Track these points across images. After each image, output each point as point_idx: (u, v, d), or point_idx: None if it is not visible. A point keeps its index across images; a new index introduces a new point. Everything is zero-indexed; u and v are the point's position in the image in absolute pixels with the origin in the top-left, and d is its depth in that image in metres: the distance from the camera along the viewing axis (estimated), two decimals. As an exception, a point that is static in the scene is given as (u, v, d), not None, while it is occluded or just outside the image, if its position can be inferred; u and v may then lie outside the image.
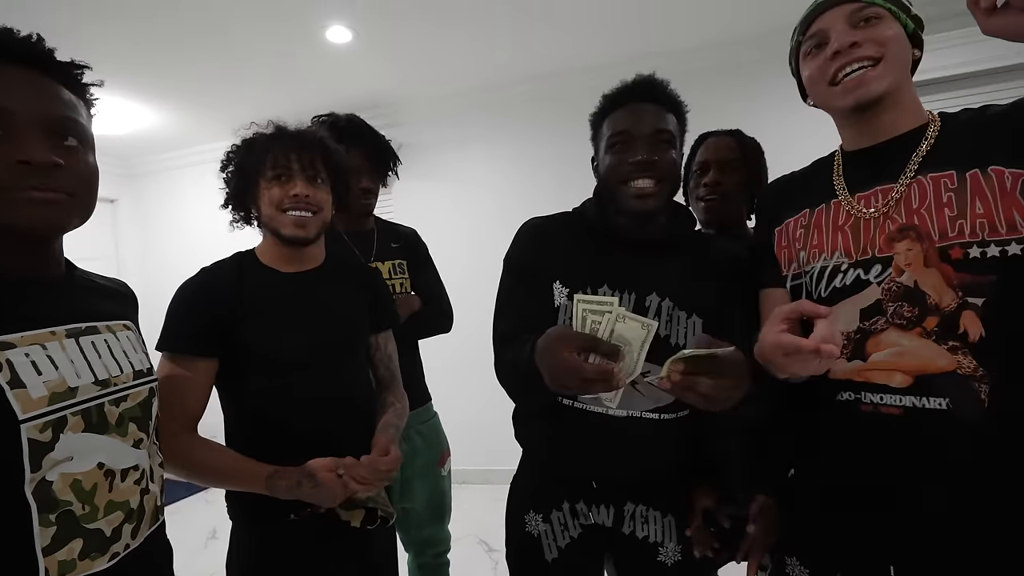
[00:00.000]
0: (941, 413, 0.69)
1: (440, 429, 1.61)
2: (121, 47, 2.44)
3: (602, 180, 0.98)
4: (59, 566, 0.61)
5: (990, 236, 0.67)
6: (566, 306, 0.94)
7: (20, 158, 0.61)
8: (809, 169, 0.92)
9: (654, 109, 0.93)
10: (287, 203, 1.01)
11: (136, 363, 0.75)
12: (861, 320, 0.76)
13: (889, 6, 0.76)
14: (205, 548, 2.69)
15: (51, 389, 0.62)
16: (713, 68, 2.84)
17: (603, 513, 1.00)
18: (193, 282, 1.03)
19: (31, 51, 0.65)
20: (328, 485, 0.91)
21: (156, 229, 4.14)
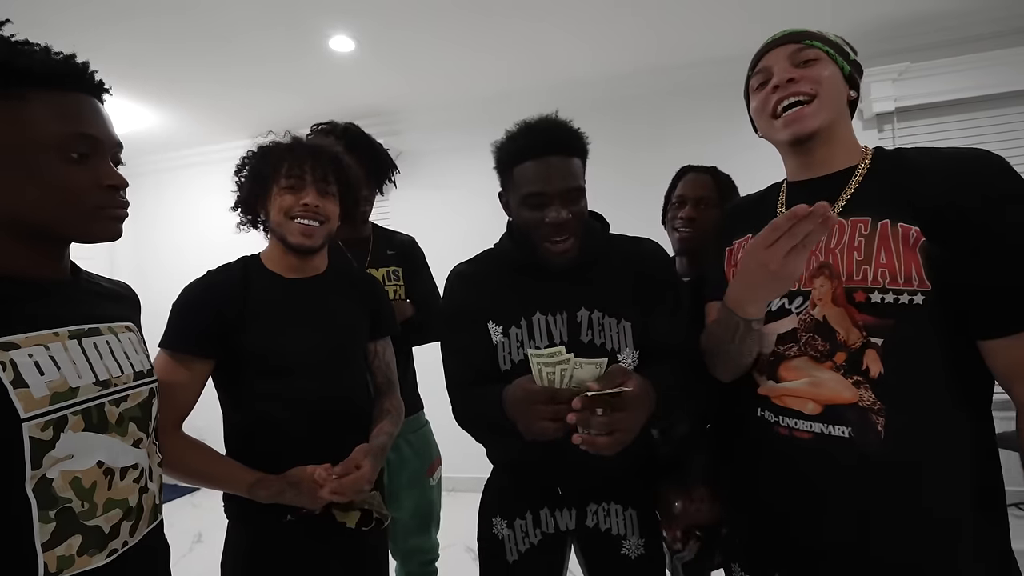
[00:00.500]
0: (845, 440, 0.75)
1: (430, 438, 1.61)
2: (125, 49, 2.46)
3: (520, 227, 1.02)
4: (58, 561, 0.63)
5: (890, 285, 0.73)
6: (503, 343, 1.01)
7: (111, 182, 0.71)
8: (762, 194, 0.98)
9: (563, 163, 0.95)
10: (296, 211, 1.04)
11: (137, 364, 0.77)
12: (777, 344, 0.83)
13: (827, 49, 0.83)
14: (190, 552, 2.67)
15: (53, 389, 0.64)
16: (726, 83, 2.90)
17: (566, 517, 1.08)
18: (199, 283, 1.05)
19: (94, 81, 0.72)
20: (310, 495, 0.94)
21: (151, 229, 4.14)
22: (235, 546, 1.05)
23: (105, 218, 0.71)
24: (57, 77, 0.67)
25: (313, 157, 1.06)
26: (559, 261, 0.98)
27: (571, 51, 2.74)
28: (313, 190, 1.05)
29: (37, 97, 0.65)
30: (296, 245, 1.06)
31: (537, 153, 0.95)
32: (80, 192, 0.68)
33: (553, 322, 1.00)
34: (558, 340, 0.99)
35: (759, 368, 0.86)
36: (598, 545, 1.07)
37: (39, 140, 0.65)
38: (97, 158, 0.69)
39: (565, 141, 0.97)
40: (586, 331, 1.00)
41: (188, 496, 3.38)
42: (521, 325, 1.00)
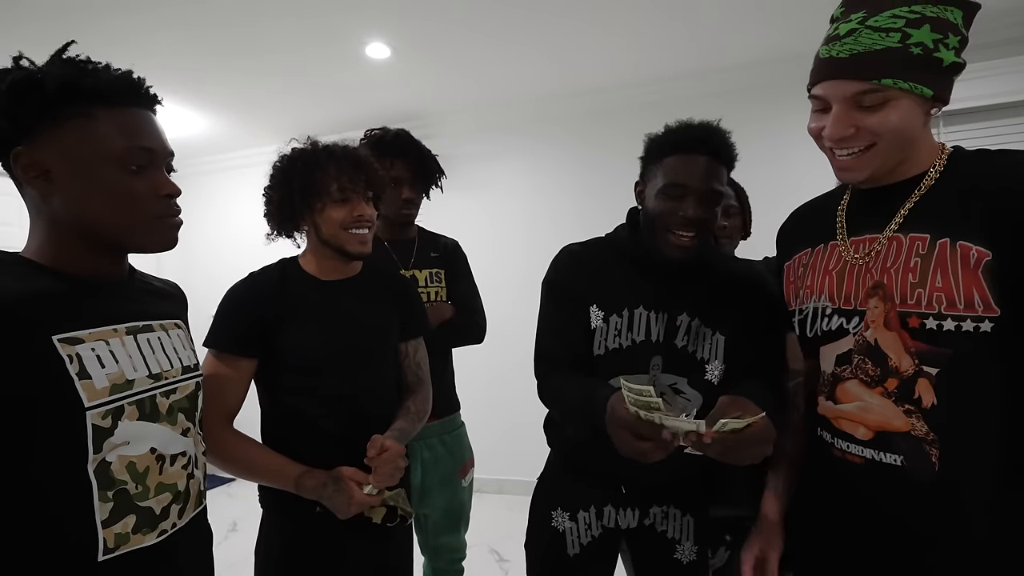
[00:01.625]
0: (896, 468, 0.72)
1: (465, 439, 1.63)
2: (175, 57, 2.57)
3: (647, 215, 1.02)
4: (115, 538, 0.69)
5: (947, 310, 0.67)
6: (602, 328, 1.02)
7: (167, 191, 0.76)
8: (823, 200, 0.93)
9: (711, 164, 0.97)
10: (350, 223, 1.08)
11: (185, 359, 0.82)
12: (835, 365, 0.80)
13: (903, 85, 0.69)
14: (226, 539, 2.77)
15: (112, 381, 0.69)
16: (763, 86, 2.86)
17: (628, 516, 1.08)
18: (241, 286, 1.11)
19: (150, 95, 0.77)
20: (349, 491, 0.97)
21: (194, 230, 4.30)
22: (269, 534, 1.10)
23: (164, 227, 0.76)
24: (118, 94, 0.72)
25: (357, 168, 1.10)
26: (677, 256, 0.98)
27: (603, 55, 2.74)
28: (362, 201, 1.10)
29: (102, 114, 0.70)
30: (356, 254, 1.12)
31: (691, 149, 0.97)
32: (140, 201, 0.72)
33: (653, 319, 1.01)
34: (655, 338, 1.01)
35: (820, 388, 0.84)
36: (652, 546, 1.08)
37: (105, 154, 0.70)
38: (153, 168, 0.74)
39: (718, 145, 0.98)
40: (682, 336, 1.01)
41: (224, 486, 3.50)
42: (623, 315, 1.01)
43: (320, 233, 1.11)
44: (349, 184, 1.08)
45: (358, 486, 0.98)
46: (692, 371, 1.02)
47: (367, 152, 1.16)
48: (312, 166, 1.08)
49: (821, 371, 0.83)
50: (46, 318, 0.66)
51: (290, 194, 1.09)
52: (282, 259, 1.17)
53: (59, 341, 0.66)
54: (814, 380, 0.86)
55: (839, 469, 0.79)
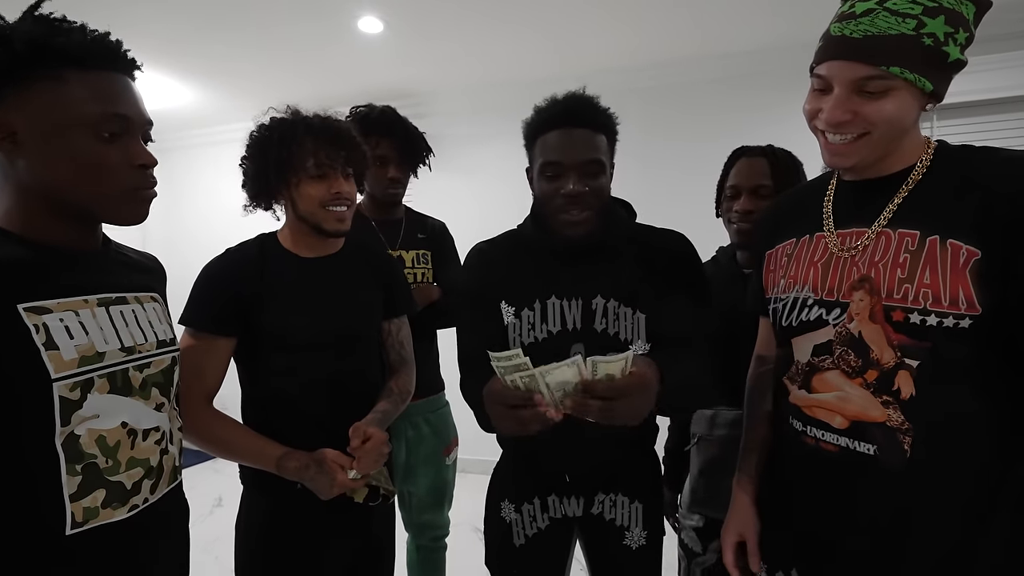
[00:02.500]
0: (870, 457, 0.74)
1: (449, 419, 1.65)
2: (159, 26, 2.50)
3: (537, 201, 1.02)
4: (84, 512, 0.67)
5: (932, 307, 0.69)
6: (514, 324, 1.01)
7: (141, 162, 0.72)
8: (807, 190, 0.92)
9: (584, 135, 0.95)
10: (328, 200, 1.05)
11: (160, 333, 0.80)
12: (812, 355, 0.80)
13: (908, 76, 0.68)
14: (211, 515, 2.78)
15: (81, 352, 0.67)
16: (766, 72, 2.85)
17: (573, 504, 1.08)
18: (217, 262, 1.08)
19: (128, 59, 0.73)
20: (332, 474, 0.96)
21: (183, 203, 4.24)
22: (250, 512, 1.10)
23: (135, 199, 0.73)
24: (93, 57, 0.68)
25: (336, 143, 1.06)
26: (572, 235, 0.97)
27: (600, 39, 2.70)
28: (340, 177, 1.07)
29: (73, 77, 0.66)
30: (333, 232, 1.09)
31: (559, 123, 0.95)
32: (112, 171, 0.69)
33: (568, 307, 0.99)
34: (572, 326, 0.99)
35: (791, 376, 0.84)
36: (601, 533, 1.09)
37: (75, 119, 0.66)
38: (128, 137, 0.71)
39: (588, 114, 0.96)
40: (600, 319, 0.99)
41: (210, 462, 3.50)
42: (535, 308, 1.00)
43: (296, 209, 1.08)
44: (327, 160, 1.04)
45: (341, 469, 0.98)
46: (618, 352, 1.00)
47: (350, 125, 1.13)
48: (289, 139, 1.04)
49: (795, 361, 0.83)
50: (11, 287, 0.64)
51: (265, 167, 1.05)
52: (260, 234, 1.14)
53: (24, 310, 0.64)
54: (783, 368, 0.87)
55: (811, 457, 0.80)
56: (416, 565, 1.67)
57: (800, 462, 0.83)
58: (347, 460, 0.99)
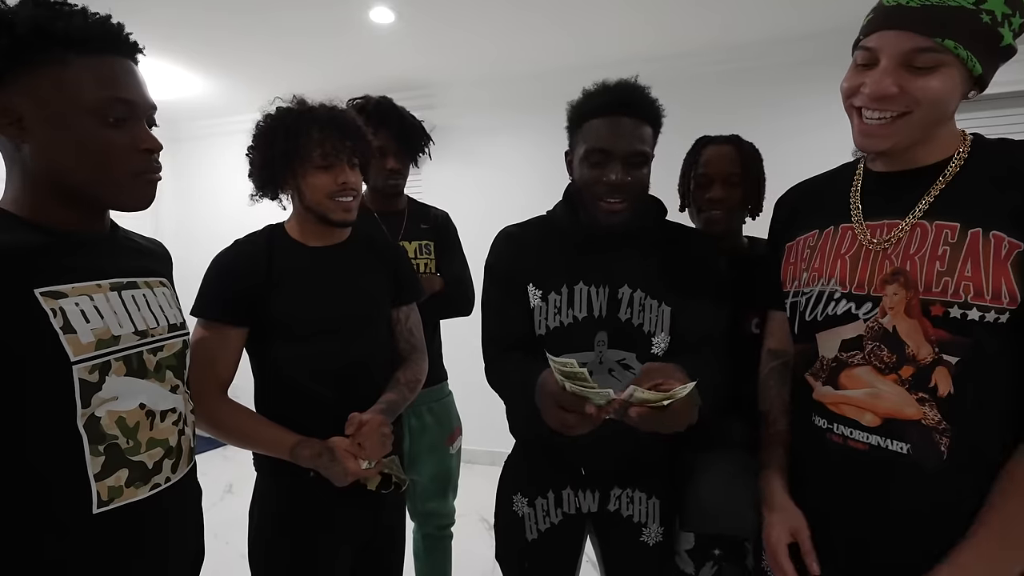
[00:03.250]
0: (902, 456, 0.72)
1: (452, 408, 1.66)
2: (172, 14, 2.51)
3: (576, 185, 1.02)
4: (108, 491, 0.69)
5: (973, 300, 0.66)
6: (540, 307, 1.01)
7: (146, 146, 0.73)
8: (829, 177, 0.89)
9: (632, 125, 0.94)
10: (335, 191, 1.06)
11: (171, 317, 0.81)
12: (840, 350, 0.78)
13: (960, 52, 0.66)
14: (221, 501, 2.82)
15: (97, 336, 0.69)
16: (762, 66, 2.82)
17: (588, 499, 1.07)
18: (227, 253, 1.09)
19: (130, 43, 0.73)
20: (344, 462, 0.97)
21: (195, 192, 4.28)
22: (264, 498, 1.11)
23: (140, 184, 0.73)
24: (94, 40, 0.68)
25: (343, 133, 1.06)
26: (609, 223, 0.97)
27: (611, 33, 2.68)
28: (346, 167, 1.07)
29: (77, 61, 0.66)
30: (340, 222, 1.10)
31: (608, 111, 0.94)
32: (117, 156, 0.70)
33: (595, 294, 0.99)
34: (598, 313, 0.99)
35: (815, 372, 0.81)
36: (617, 530, 1.07)
37: (79, 104, 0.67)
38: (133, 122, 0.72)
39: (639, 104, 0.95)
40: (625, 309, 0.99)
41: (220, 449, 3.54)
42: (562, 292, 1.00)
43: (303, 199, 1.09)
44: (333, 151, 1.05)
45: (353, 457, 0.99)
46: (639, 345, 0.99)
47: (355, 115, 1.14)
48: (295, 130, 1.05)
49: (820, 356, 0.81)
50: (27, 271, 0.65)
51: (271, 157, 1.06)
52: (268, 225, 1.16)
53: (42, 295, 0.65)
54: (804, 364, 0.84)
55: (839, 455, 0.78)
56: (422, 553, 1.69)
57: (824, 460, 0.80)
58: (358, 449, 1.00)
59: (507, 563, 1.13)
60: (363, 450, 0.99)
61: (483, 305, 1.10)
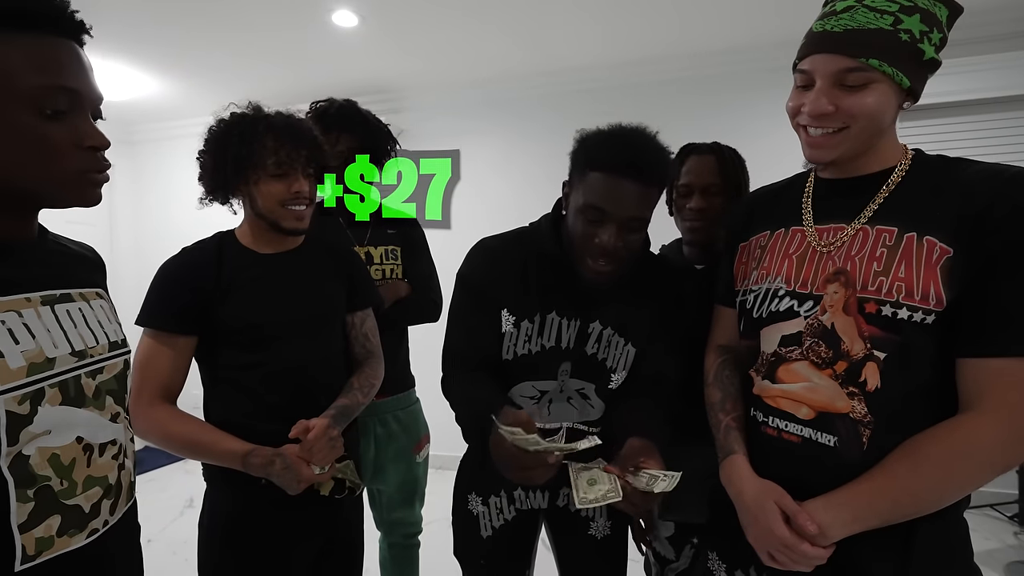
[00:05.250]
0: (830, 449, 0.75)
1: (420, 416, 1.64)
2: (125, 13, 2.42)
3: (567, 227, 0.98)
4: (36, 543, 0.60)
5: (904, 300, 0.71)
6: (512, 334, 1.01)
7: (92, 143, 0.63)
8: (784, 185, 0.94)
9: (638, 190, 0.88)
10: (288, 198, 1.05)
11: (111, 334, 0.73)
12: (779, 345, 0.81)
13: (886, 69, 0.71)
14: (182, 516, 2.72)
15: (29, 359, 0.59)
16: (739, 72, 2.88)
17: (539, 498, 1.11)
18: (175, 261, 1.07)
19: (75, 21, 0.64)
20: (296, 469, 0.97)
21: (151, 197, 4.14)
22: (213, 508, 1.09)
23: (84, 183, 0.64)
24: (31, 16, 0.59)
25: (297, 142, 1.05)
26: (593, 281, 0.95)
27: (577, 37, 2.71)
28: (300, 176, 1.07)
29: (9, 40, 0.57)
30: (291, 230, 1.09)
31: (617, 170, 0.88)
32: (58, 152, 0.61)
33: (566, 326, 1.00)
34: (565, 344, 1.00)
35: (757, 368, 0.85)
36: (567, 525, 1.12)
37: (12, 91, 0.57)
38: (76, 114, 0.62)
39: (650, 169, 0.89)
40: (593, 343, 1.00)
41: (181, 462, 3.43)
42: (535, 320, 1.00)
43: (255, 206, 1.08)
44: (287, 159, 1.04)
45: (305, 464, 0.98)
46: (599, 378, 1.02)
47: (312, 124, 1.13)
48: (249, 136, 1.03)
49: (761, 351, 0.84)
50: None
51: (224, 163, 1.04)
52: (218, 232, 1.14)
53: None
54: (750, 360, 0.87)
55: (772, 448, 0.81)
56: (388, 563, 1.67)
57: (758, 453, 0.83)
58: (309, 454, 0.99)
59: (464, 560, 1.16)
60: (311, 456, 0.98)
61: (451, 315, 1.08)
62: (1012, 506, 2.63)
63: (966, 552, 0.77)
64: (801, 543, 0.71)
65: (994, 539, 2.49)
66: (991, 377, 0.68)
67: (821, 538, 0.71)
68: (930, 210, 0.72)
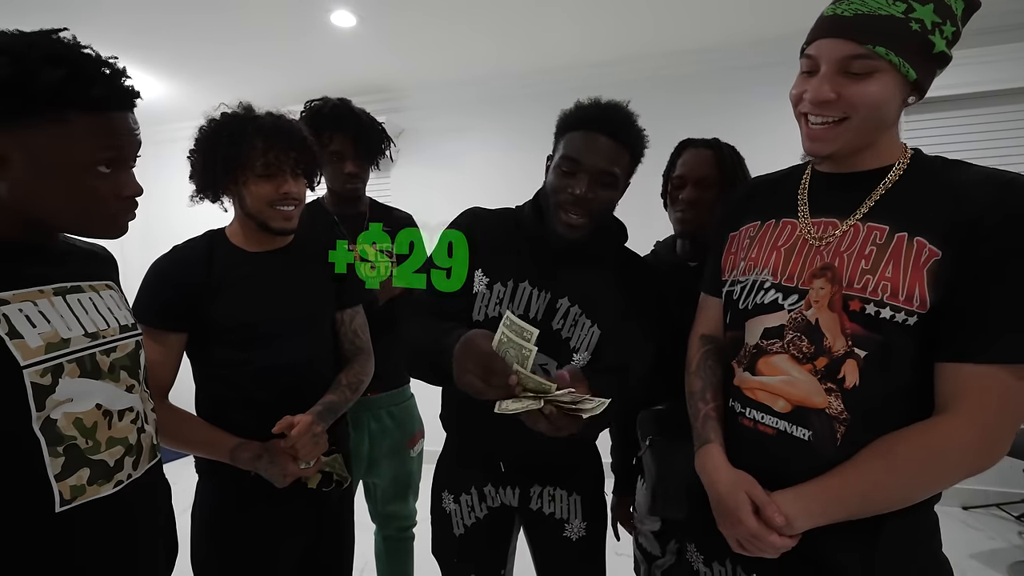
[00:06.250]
0: (804, 443, 0.75)
1: (414, 411, 1.66)
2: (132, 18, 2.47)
3: (544, 191, 1.04)
4: (71, 490, 0.71)
5: (888, 299, 0.70)
6: (484, 295, 1.03)
7: (130, 193, 0.75)
8: (781, 175, 0.93)
9: (610, 145, 0.96)
10: (277, 199, 1.07)
11: (121, 318, 0.82)
12: (761, 338, 0.81)
13: (892, 58, 0.69)
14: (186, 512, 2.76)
15: (46, 340, 0.69)
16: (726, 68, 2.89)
17: (509, 494, 1.11)
18: (166, 259, 1.09)
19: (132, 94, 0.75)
20: (282, 463, 1.00)
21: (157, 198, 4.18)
22: (204, 499, 1.12)
23: (116, 224, 0.76)
24: (103, 103, 0.69)
25: (287, 143, 1.07)
26: (565, 235, 0.99)
27: (573, 35, 2.73)
28: (289, 177, 1.08)
29: (80, 119, 0.68)
30: (279, 230, 1.11)
31: (590, 126, 0.96)
32: (100, 202, 0.72)
33: (536, 296, 1.02)
34: (533, 315, 1.02)
35: (739, 359, 0.84)
36: (542, 526, 1.12)
37: (73, 159, 0.68)
38: (120, 168, 0.73)
39: (621, 127, 0.97)
40: (559, 319, 1.02)
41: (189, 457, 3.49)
42: (507, 285, 1.02)
43: (244, 206, 1.10)
44: (276, 160, 1.06)
45: (292, 458, 1.00)
46: (561, 356, 1.03)
47: (302, 125, 1.14)
48: (239, 137, 1.05)
49: (744, 343, 0.84)
50: None
51: (213, 163, 1.06)
52: (209, 231, 1.16)
53: None
54: (733, 351, 0.87)
55: (747, 439, 0.81)
56: (383, 555, 1.69)
57: (734, 443, 0.84)
58: (294, 449, 1.01)
59: (440, 557, 1.17)
60: (296, 451, 1.01)
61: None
62: (1018, 505, 2.60)
63: (933, 544, 0.77)
64: (769, 533, 0.72)
65: (999, 539, 2.47)
66: (968, 382, 0.68)
67: (788, 528, 0.72)
68: (923, 211, 0.72)
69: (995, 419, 0.68)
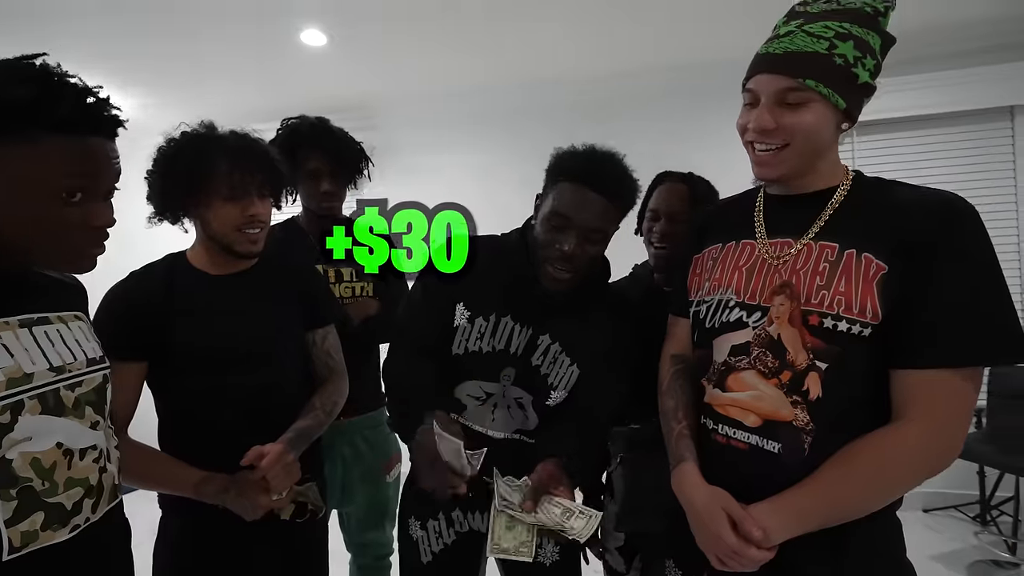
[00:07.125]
0: (774, 456, 0.78)
1: (390, 435, 1.60)
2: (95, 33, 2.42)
3: (534, 235, 1.03)
4: (21, 537, 0.66)
5: (844, 313, 0.74)
6: (465, 328, 1.04)
7: (100, 223, 0.71)
8: (736, 200, 0.99)
9: (601, 203, 0.96)
10: (243, 222, 1.03)
11: (88, 351, 0.78)
12: (729, 355, 0.84)
13: (823, 90, 0.76)
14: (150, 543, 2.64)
15: (7, 375, 0.65)
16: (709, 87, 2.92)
17: (478, 519, 1.09)
18: (123, 285, 1.04)
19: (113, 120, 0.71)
20: (252, 495, 0.95)
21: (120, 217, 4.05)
22: (168, 535, 1.07)
23: (84, 257, 0.72)
24: (77, 125, 0.66)
25: (251, 162, 1.03)
26: (549, 287, 1.00)
27: (544, 51, 2.79)
28: (255, 199, 1.04)
29: (53, 142, 0.65)
30: (244, 253, 1.07)
31: (584, 181, 0.96)
32: (68, 231, 0.68)
33: (517, 331, 1.02)
34: (513, 349, 1.02)
35: (708, 377, 0.87)
36: None
37: (44, 183, 0.65)
38: (92, 197, 0.70)
39: (616, 185, 0.98)
40: (539, 355, 1.03)
41: (147, 489, 3.33)
42: (489, 320, 1.02)
43: (208, 228, 1.05)
44: (241, 182, 1.01)
45: (263, 490, 0.95)
46: (539, 392, 1.04)
47: (266, 144, 1.11)
48: (202, 158, 1.00)
49: (713, 361, 0.87)
50: None
51: (175, 184, 1.02)
52: (169, 254, 1.12)
53: None
54: (702, 370, 0.90)
55: (721, 455, 0.84)
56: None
57: (708, 460, 0.86)
58: (265, 481, 0.96)
59: None
60: (268, 483, 0.96)
61: (409, 296, 1.11)
62: (974, 507, 2.71)
63: (898, 550, 0.81)
64: (749, 548, 0.74)
65: (957, 540, 2.57)
66: (917, 387, 0.72)
67: (766, 541, 0.74)
68: (868, 229, 0.77)
69: (944, 421, 0.72)
